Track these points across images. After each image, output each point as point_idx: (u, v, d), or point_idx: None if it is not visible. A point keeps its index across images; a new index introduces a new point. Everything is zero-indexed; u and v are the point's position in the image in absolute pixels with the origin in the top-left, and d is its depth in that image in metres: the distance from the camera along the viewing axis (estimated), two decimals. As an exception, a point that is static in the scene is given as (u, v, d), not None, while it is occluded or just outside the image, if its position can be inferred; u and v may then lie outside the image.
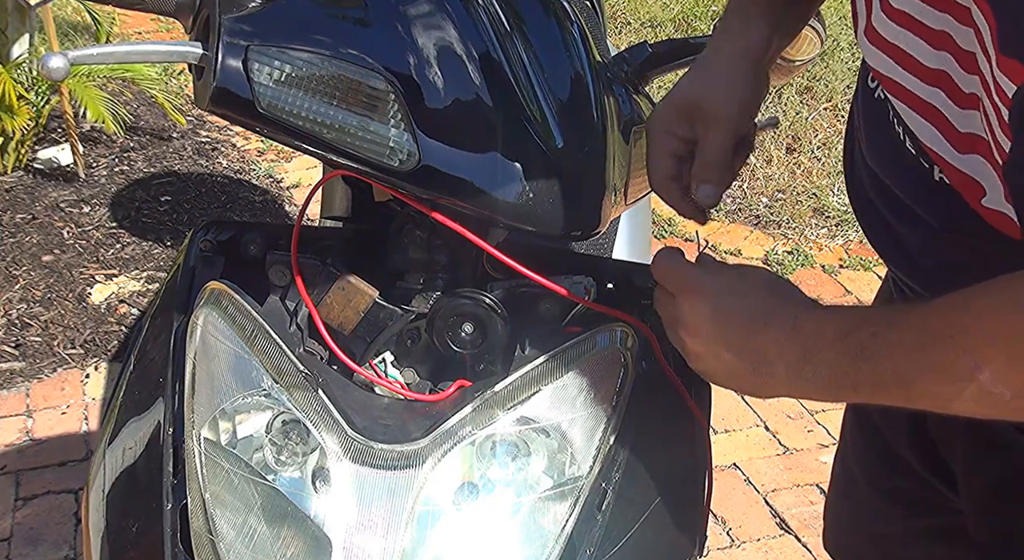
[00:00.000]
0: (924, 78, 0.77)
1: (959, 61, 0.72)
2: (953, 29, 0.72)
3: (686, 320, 0.81)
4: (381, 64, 0.83)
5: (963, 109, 0.73)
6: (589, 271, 0.97)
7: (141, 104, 3.55)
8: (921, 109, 0.77)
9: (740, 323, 0.78)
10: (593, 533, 0.85)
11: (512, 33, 0.91)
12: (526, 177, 0.87)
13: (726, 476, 2.27)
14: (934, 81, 0.76)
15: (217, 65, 0.79)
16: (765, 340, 0.76)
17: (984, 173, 0.73)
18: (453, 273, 0.96)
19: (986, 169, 0.73)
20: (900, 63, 0.79)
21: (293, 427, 0.85)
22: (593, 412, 0.88)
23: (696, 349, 0.81)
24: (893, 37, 0.79)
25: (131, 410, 0.97)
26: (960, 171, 0.75)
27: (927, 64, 0.76)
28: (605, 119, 0.92)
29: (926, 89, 0.77)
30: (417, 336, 0.97)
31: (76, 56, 0.80)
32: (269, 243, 0.98)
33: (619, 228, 1.59)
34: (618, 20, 4.41)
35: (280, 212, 3.13)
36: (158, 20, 4.13)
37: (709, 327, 0.79)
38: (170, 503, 0.85)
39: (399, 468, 0.83)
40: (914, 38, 0.77)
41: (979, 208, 0.75)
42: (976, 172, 0.74)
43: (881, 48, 0.81)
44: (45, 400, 2.38)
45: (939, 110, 0.76)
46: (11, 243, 2.81)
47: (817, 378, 0.73)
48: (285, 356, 0.87)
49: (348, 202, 1.16)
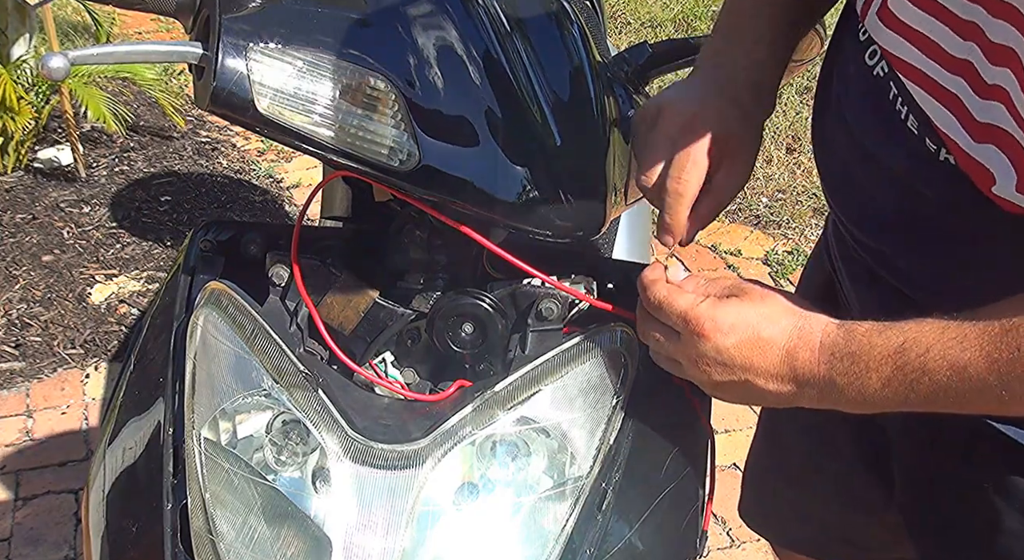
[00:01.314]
0: (946, 66, 0.76)
1: (986, 53, 0.72)
2: (984, 21, 0.72)
3: (702, 363, 0.81)
4: (381, 64, 0.83)
5: (984, 100, 0.73)
6: (589, 271, 0.97)
7: (141, 104, 3.55)
8: (939, 95, 0.77)
9: (769, 348, 0.79)
10: (593, 533, 0.85)
11: (512, 33, 0.91)
12: (526, 177, 0.87)
13: (726, 476, 2.27)
14: (957, 70, 0.75)
15: (217, 65, 0.78)
16: (795, 362, 0.78)
17: (998, 162, 0.73)
18: (453, 273, 0.96)
19: (1001, 158, 0.73)
20: (922, 48, 0.78)
21: (293, 427, 0.85)
22: (593, 412, 0.88)
23: (721, 380, 0.81)
24: (916, 22, 0.78)
25: (131, 410, 0.97)
26: (972, 158, 0.75)
27: (952, 52, 0.75)
28: (605, 119, 0.92)
29: (947, 77, 0.76)
30: (417, 336, 0.97)
31: (76, 56, 0.80)
32: (269, 243, 0.98)
33: (619, 228, 1.59)
34: (618, 20, 4.41)
35: (280, 212, 3.13)
36: (158, 20, 4.13)
37: (736, 357, 0.79)
38: (170, 503, 0.85)
39: (399, 468, 0.83)
40: (940, 25, 0.76)
41: (989, 195, 0.75)
42: (989, 161, 0.74)
43: (898, 31, 0.80)
44: (45, 400, 2.38)
45: (959, 98, 0.75)
46: (11, 243, 2.81)
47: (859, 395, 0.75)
48: (285, 356, 0.87)
49: (348, 202, 1.16)
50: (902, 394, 0.73)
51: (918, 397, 0.72)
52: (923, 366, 0.71)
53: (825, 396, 0.77)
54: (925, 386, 0.71)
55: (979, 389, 0.69)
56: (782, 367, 0.78)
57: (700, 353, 0.80)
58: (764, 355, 0.78)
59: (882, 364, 0.73)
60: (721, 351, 0.79)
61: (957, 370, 0.70)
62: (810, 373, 0.77)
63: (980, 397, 0.70)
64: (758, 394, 0.81)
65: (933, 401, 0.72)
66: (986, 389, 0.69)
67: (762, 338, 0.79)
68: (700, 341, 0.80)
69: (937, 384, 0.71)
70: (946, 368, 0.70)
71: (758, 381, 0.79)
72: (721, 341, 0.79)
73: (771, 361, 0.78)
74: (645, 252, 1.78)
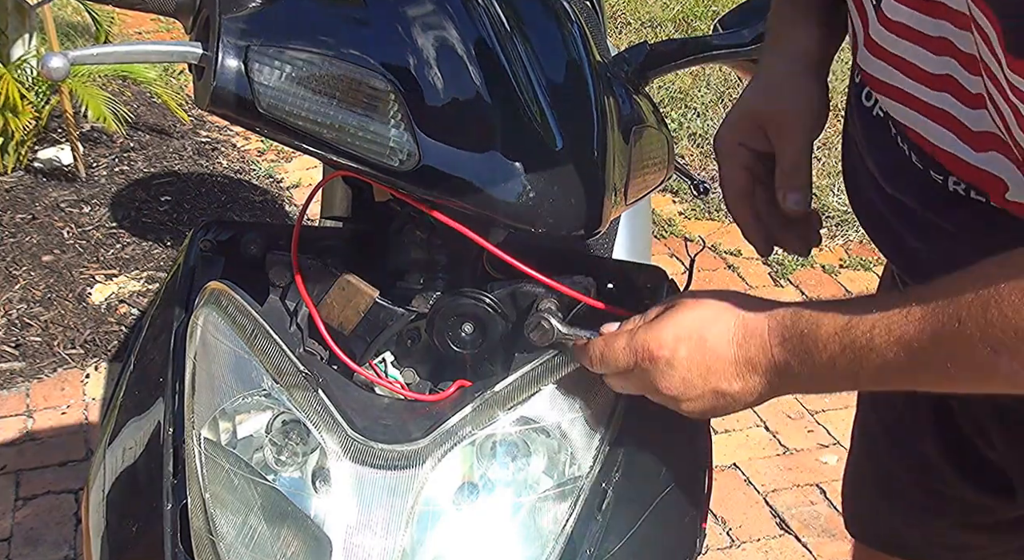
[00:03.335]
0: (930, 84, 0.77)
1: (962, 64, 0.73)
2: (952, 34, 0.73)
3: (663, 384, 0.80)
4: (381, 64, 0.83)
5: (974, 109, 0.74)
6: (589, 271, 0.97)
7: (141, 104, 3.55)
8: (932, 115, 0.78)
9: (718, 348, 0.78)
10: (593, 533, 0.86)
11: (512, 33, 0.91)
12: (526, 177, 0.87)
13: (726, 476, 2.27)
14: (941, 86, 0.76)
15: (217, 65, 0.78)
16: (748, 353, 0.77)
17: (1005, 168, 0.74)
18: (453, 273, 0.96)
19: (1006, 164, 0.73)
20: (906, 72, 0.79)
21: (293, 427, 0.85)
22: (593, 412, 0.88)
23: (687, 395, 0.81)
24: (895, 47, 0.80)
25: (131, 410, 0.97)
26: (980, 170, 0.76)
27: (932, 70, 0.77)
28: (605, 119, 0.92)
29: (933, 94, 0.77)
30: (417, 336, 0.97)
31: (76, 56, 0.80)
32: (269, 243, 0.98)
33: (619, 228, 1.59)
34: (618, 20, 4.41)
35: (280, 212, 3.13)
36: (158, 20, 4.13)
37: (690, 366, 0.79)
38: (170, 503, 0.85)
39: (399, 468, 0.83)
40: (915, 47, 0.77)
41: (1004, 204, 0.75)
42: (997, 168, 0.74)
43: (883, 59, 0.82)
44: (45, 400, 2.38)
45: (950, 113, 0.76)
46: (11, 243, 2.81)
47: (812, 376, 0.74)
48: (285, 356, 0.87)
49: (348, 202, 1.16)
50: (852, 371, 0.72)
51: (867, 374, 0.71)
52: (870, 342, 0.70)
53: (784, 381, 0.76)
54: (873, 362, 0.70)
55: (925, 364, 0.68)
56: (737, 363, 0.78)
57: (656, 377, 0.80)
58: (716, 356, 0.78)
59: (829, 342, 0.72)
60: (674, 365, 0.79)
61: (903, 345, 0.68)
62: (766, 359, 0.76)
63: (927, 372, 0.69)
64: (727, 398, 0.80)
65: (883, 378, 0.71)
66: (932, 363, 0.68)
67: (708, 340, 0.78)
68: (651, 365, 0.80)
69: (884, 360, 0.69)
70: (892, 342, 0.69)
71: (721, 384, 0.79)
72: (670, 355, 0.79)
73: (725, 360, 0.78)
74: (645, 252, 1.78)
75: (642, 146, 1.00)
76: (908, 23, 0.77)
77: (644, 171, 1.01)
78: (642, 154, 1.00)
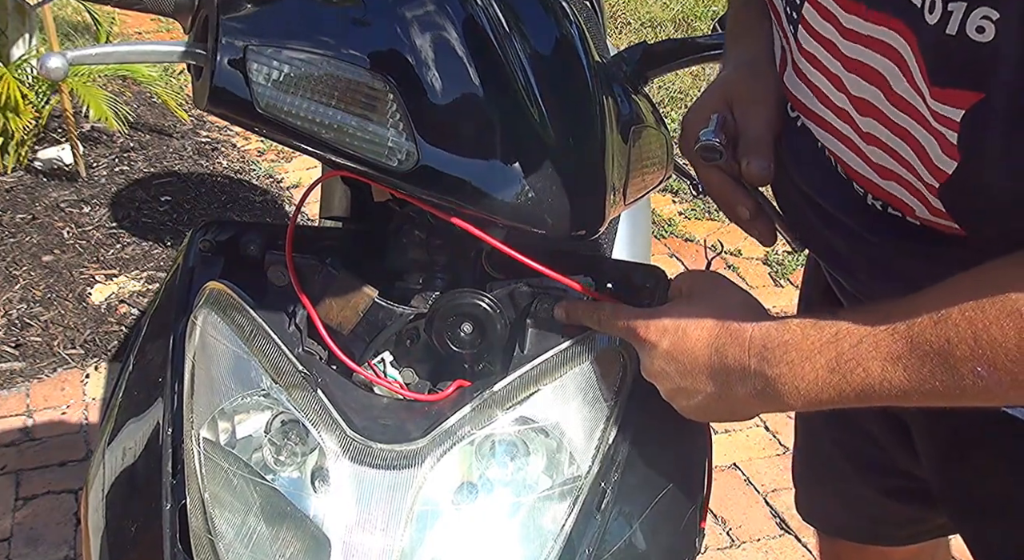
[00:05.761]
0: (835, 113, 0.79)
1: (852, 103, 0.76)
2: (843, 75, 0.75)
3: (645, 367, 0.83)
4: (380, 64, 0.83)
5: (868, 145, 0.76)
6: (589, 271, 0.97)
7: (142, 104, 3.55)
8: (841, 139, 0.80)
9: (695, 348, 0.79)
10: (592, 533, 0.86)
11: (512, 33, 0.91)
12: (525, 177, 0.87)
13: (726, 476, 2.27)
14: (842, 117, 0.78)
15: (215, 65, 0.78)
16: (724, 359, 0.77)
17: (905, 194, 0.75)
18: (452, 273, 0.96)
19: (904, 192, 0.75)
20: (818, 97, 0.81)
21: (292, 427, 0.85)
22: (593, 412, 0.88)
23: (666, 388, 0.83)
24: (809, 74, 0.81)
25: (130, 410, 0.97)
26: (888, 193, 0.77)
27: (835, 101, 0.78)
28: (604, 119, 0.92)
29: (839, 122, 0.79)
30: (416, 336, 0.97)
31: (75, 56, 0.80)
32: (268, 243, 0.98)
33: (619, 228, 1.59)
34: (618, 20, 4.41)
35: (280, 212, 3.13)
36: (158, 20, 4.14)
37: (668, 369, 0.81)
38: (169, 503, 0.85)
39: (398, 468, 0.83)
40: (821, 76, 0.79)
41: (916, 219, 0.77)
42: (899, 193, 0.76)
43: (802, 80, 0.83)
44: (45, 400, 2.39)
45: (852, 141, 0.78)
46: (11, 243, 2.82)
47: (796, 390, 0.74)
48: (284, 356, 0.87)
49: (347, 202, 1.16)
50: (837, 386, 0.71)
51: (853, 389, 0.70)
52: (856, 356, 0.69)
53: (761, 393, 0.75)
54: (859, 377, 0.69)
55: (915, 381, 0.67)
56: (712, 368, 0.78)
57: (642, 357, 0.83)
58: (692, 356, 0.78)
59: (815, 354, 0.71)
60: (655, 354, 0.81)
61: (891, 361, 0.68)
62: (740, 367, 0.76)
63: (916, 390, 0.68)
64: (700, 399, 0.80)
65: (869, 394, 0.70)
66: (922, 382, 0.67)
67: (689, 338, 0.79)
68: (639, 346, 0.83)
69: (871, 375, 0.69)
70: (879, 358, 0.68)
71: (697, 384, 0.79)
72: (655, 342, 0.81)
73: (700, 362, 0.78)
74: (645, 252, 1.78)
75: (641, 146, 1.00)
76: (816, 55, 0.78)
77: (643, 171, 1.01)
78: (641, 154, 1.00)
